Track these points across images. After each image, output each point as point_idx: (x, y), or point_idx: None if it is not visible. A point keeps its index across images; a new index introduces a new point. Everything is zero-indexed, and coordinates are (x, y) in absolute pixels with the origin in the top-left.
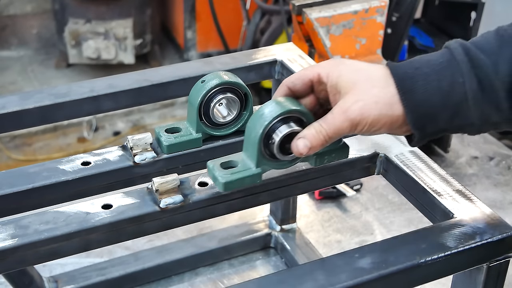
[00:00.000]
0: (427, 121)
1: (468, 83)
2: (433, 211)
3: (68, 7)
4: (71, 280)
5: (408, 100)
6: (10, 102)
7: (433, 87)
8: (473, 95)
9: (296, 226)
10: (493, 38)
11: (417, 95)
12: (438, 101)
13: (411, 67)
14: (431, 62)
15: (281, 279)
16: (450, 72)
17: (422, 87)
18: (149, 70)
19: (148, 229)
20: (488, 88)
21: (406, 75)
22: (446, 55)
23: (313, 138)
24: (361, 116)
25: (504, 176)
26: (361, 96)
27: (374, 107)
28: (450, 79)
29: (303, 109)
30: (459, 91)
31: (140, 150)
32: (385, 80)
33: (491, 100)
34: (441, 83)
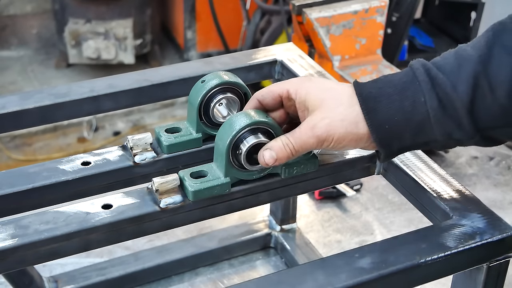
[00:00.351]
0: (391, 139)
1: (429, 102)
2: (433, 211)
3: (68, 7)
4: (71, 280)
5: (372, 120)
6: (10, 102)
7: (396, 106)
8: (434, 113)
9: (296, 226)
10: (452, 58)
11: (380, 114)
12: (401, 120)
13: (375, 87)
14: (394, 82)
15: (281, 279)
16: (412, 91)
17: (385, 107)
18: (149, 70)
19: (148, 229)
20: (448, 106)
21: (370, 94)
22: (408, 75)
23: (280, 150)
24: (327, 133)
25: (504, 176)
26: (327, 114)
27: (340, 125)
28: (412, 99)
29: (270, 121)
30: (421, 110)
31: (140, 150)
32: (350, 99)
33: (452, 118)
34: (404, 102)
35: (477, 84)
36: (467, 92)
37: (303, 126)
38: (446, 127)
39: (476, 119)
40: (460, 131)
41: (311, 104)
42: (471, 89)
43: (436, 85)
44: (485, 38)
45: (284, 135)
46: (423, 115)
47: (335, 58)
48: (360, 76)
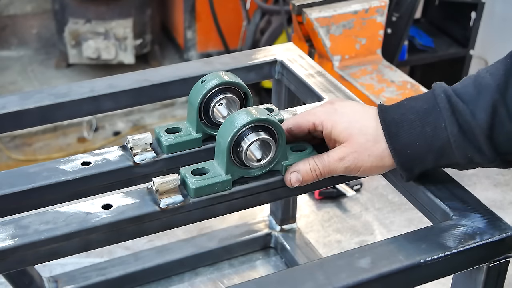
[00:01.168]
0: (413, 163)
1: (449, 128)
2: (433, 211)
3: (68, 7)
4: (71, 280)
5: (394, 144)
6: (10, 102)
7: (418, 132)
8: (454, 139)
9: (296, 226)
10: (471, 86)
11: (402, 139)
12: (423, 145)
13: (398, 113)
14: (416, 108)
15: (281, 279)
16: (433, 118)
17: (407, 132)
18: (149, 70)
19: (148, 229)
20: (468, 132)
21: (392, 121)
22: (430, 101)
23: (306, 174)
24: (355, 165)
25: (504, 176)
26: (355, 148)
27: (367, 159)
28: (433, 124)
29: (271, 119)
30: (442, 135)
31: (140, 150)
32: (376, 133)
33: (472, 143)
34: (425, 128)
35: (496, 112)
36: (486, 120)
37: (331, 156)
38: (467, 152)
39: (496, 144)
40: (480, 155)
41: (338, 136)
42: (489, 117)
43: (456, 112)
44: (504, 66)
45: (313, 159)
46: (444, 140)
47: (335, 58)
48: (360, 76)
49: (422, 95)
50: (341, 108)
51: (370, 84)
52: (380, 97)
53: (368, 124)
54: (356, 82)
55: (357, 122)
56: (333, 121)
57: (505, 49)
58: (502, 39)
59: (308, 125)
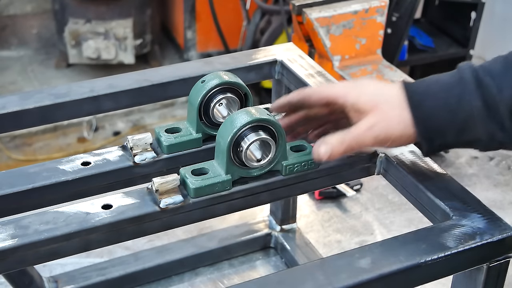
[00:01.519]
0: (434, 134)
1: (474, 101)
2: (433, 211)
3: (68, 7)
4: (71, 280)
5: (417, 113)
6: (10, 102)
7: (441, 103)
8: (478, 112)
9: (296, 226)
10: (500, 63)
11: (425, 108)
12: (446, 117)
13: (422, 85)
14: (441, 82)
15: (281, 279)
16: (458, 91)
17: (431, 102)
18: (149, 70)
19: (148, 229)
20: (492, 107)
21: (416, 91)
22: (455, 75)
23: (336, 146)
24: (385, 133)
25: (504, 176)
26: (384, 117)
27: (397, 127)
28: (457, 97)
29: (271, 119)
30: (466, 108)
31: (140, 150)
32: (401, 102)
33: (495, 119)
34: (449, 100)
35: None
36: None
37: (359, 127)
38: (489, 128)
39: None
40: (503, 132)
41: (364, 107)
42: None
43: (482, 86)
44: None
45: (341, 132)
46: (467, 112)
47: (335, 58)
48: (360, 76)
49: (448, 72)
50: (363, 82)
51: None
52: None
53: (392, 93)
54: None
55: (382, 93)
56: (357, 92)
57: (505, 49)
58: (502, 39)
59: (329, 95)
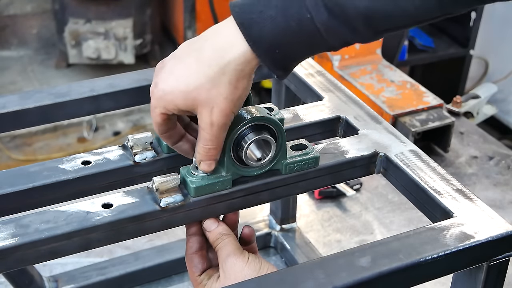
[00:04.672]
0: (285, 61)
1: (316, 17)
2: (433, 210)
3: (68, 7)
4: (71, 279)
5: (258, 49)
6: (10, 102)
7: (282, 28)
8: (325, 27)
9: (296, 226)
10: None
11: (267, 39)
12: (291, 41)
13: (255, 11)
14: (274, 3)
15: (281, 278)
16: (296, 10)
17: (271, 32)
18: (149, 70)
19: (148, 228)
20: (341, 17)
21: (251, 21)
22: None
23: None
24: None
25: (504, 176)
26: (214, 101)
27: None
28: (296, 18)
29: (272, 118)
30: (309, 27)
31: (140, 149)
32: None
33: (346, 26)
34: (289, 23)
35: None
36: (362, 3)
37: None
38: (341, 36)
39: (374, 24)
40: (356, 36)
41: (188, 107)
42: None
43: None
44: None
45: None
46: (313, 31)
47: (334, 58)
48: (360, 75)
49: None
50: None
51: (370, 84)
52: (380, 96)
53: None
54: (356, 81)
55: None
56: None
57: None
58: (502, 39)
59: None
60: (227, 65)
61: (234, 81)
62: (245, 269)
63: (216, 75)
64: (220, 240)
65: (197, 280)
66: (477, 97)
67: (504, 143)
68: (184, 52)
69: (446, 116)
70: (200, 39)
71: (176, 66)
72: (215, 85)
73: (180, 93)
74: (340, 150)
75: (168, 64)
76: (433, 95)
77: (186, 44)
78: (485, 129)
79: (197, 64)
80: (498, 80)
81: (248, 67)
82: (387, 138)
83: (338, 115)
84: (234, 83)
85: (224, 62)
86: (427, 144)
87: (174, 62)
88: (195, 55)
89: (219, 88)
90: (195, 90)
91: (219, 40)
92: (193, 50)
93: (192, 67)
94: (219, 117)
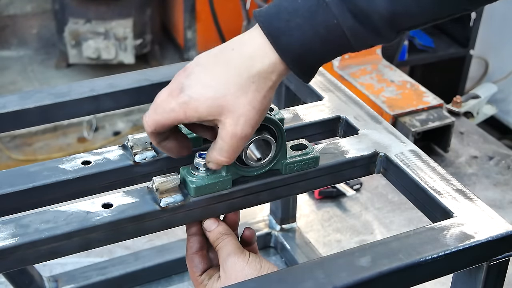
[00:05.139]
0: (314, 68)
1: (342, 23)
2: (433, 210)
3: (68, 7)
4: (71, 279)
5: (287, 58)
6: (10, 101)
7: (310, 35)
8: (351, 32)
9: (296, 226)
10: None
11: (295, 48)
12: (318, 47)
13: (282, 20)
14: (300, 11)
15: (281, 278)
16: (323, 17)
17: (299, 41)
18: (149, 70)
19: (148, 228)
20: (366, 21)
21: (279, 30)
22: None
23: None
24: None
25: (504, 176)
26: (240, 112)
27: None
28: (324, 24)
29: (272, 118)
30: (337, 33)
31: (140, 149)
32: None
33: (371, 30)
34: (317, 30)
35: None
36: (384, 6)
37: (223, 137)
38: (366, 39)
39: (397, 26)
40: (381, 38)
41: (209, 117)
42: (389, 3)
43: (347, 2)
44: None
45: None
46: (340, 36)
47: None
48: (360, 75)
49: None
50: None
51: (369, 84)
52: (380, 96)
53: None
54: (356, 81)
55: (225, 79)
56: (193, 105)
57: (505, 49)
58: (502, 39)
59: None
60: (257, 74)
61: (263, 90)
62: (246, 269)
63: (246, 84)
64: (220, 240)
65: (198, 280)
66: (477, 97)
67: (504, 143)
68: (211, 61)
69: (446, 116)
70: (225, 48)
71: (203, 74)
72: (244, 93)
73: (206, 100)
74: (340, 150)
75: (194, 71)
76: (433, 95)
77: (211, 53)
78: (485, 129)
79: (226, 72)
80: (498, 80)
81: (277, 76)
82: (387, 138)
83: (338, 115)
84: (263, 92)
85: (254, 71)
86: (427, 144)
87: (200, 69)
88: (223, 64)
89: (248, 97)
90: (223, 97)
91: (247, 50)
92: (220, 59)
93: (221, 75)
94: (245, 127)
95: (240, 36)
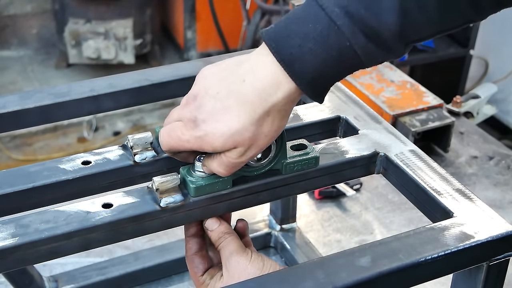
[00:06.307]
0: (325, 90)
1: (355, 44)
2: (433, 210)
3: (68, 7)
4: (71, 279)
5: (302, 83)
6: (10, 101)
7: (323, 59)
8: (363, 51)
9: (296, 226)
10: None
11: (309, 72)
12: (331, 69)
13: (293, 45)
14: (311, 35)
15: (282, 278)
16: (335, 40)
17: (313, 65)
18: (149, 70)
19: (148, 228)
20: (377, 39)
21: (292, 57)
22: (322, 20)
23: None
24: (260, 148)
25: (504, 176)
26: (252, 138)
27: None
28: (336, 47)
29: None
30: (349, 54)
31: (140, 149)
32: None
33: (382, 47)
34: (329, 52)
35: (404, 8)
36: (394, 19)
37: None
38: (377, 57)
39: (407, 40)
40: (391, 54)
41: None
42: (397, 15)
43: (358, 22)
44: None
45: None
46: (353, 57)
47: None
48: (360, 75)
49: (306, 13)
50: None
51: (369, 84)
52: (380, 96)
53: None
54: (356, 81)
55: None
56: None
57: (505, 49)
58: (502, 39)
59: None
60: (272, 107)
61: (278, 121)
62: (249, 267)
63: (261, 117)
64: (222, 239)
65: (200, 280)
66: (477, 97)
67: (504, 143)
68: (221, 92)
69: (446, 116)
70: (234, 75)
71: (216, 108)
72: (259, 126)
73: (222, 136)
74: (340, 150)
75: (205, 103)
76: (433, 95)
77: (218, 77)
78: (485, 129)
79: (240, 107)
80: (498, 80)
81: (291, 104)
82: (387, 138)
83: (338, 115)
84: (277, 122)
85: (268, 106)
86: (427, 144)
87: (212, 102)
88: (235, 97)
89: (263, 130)
90: (237, 133)
91: (260, 82)
92: (231, 91)
93: (234, 110)
94: (253, 152)
95: (248, 59)
